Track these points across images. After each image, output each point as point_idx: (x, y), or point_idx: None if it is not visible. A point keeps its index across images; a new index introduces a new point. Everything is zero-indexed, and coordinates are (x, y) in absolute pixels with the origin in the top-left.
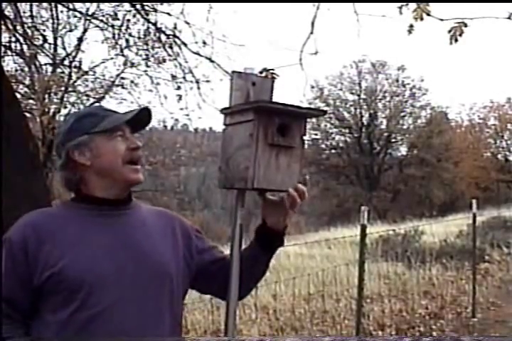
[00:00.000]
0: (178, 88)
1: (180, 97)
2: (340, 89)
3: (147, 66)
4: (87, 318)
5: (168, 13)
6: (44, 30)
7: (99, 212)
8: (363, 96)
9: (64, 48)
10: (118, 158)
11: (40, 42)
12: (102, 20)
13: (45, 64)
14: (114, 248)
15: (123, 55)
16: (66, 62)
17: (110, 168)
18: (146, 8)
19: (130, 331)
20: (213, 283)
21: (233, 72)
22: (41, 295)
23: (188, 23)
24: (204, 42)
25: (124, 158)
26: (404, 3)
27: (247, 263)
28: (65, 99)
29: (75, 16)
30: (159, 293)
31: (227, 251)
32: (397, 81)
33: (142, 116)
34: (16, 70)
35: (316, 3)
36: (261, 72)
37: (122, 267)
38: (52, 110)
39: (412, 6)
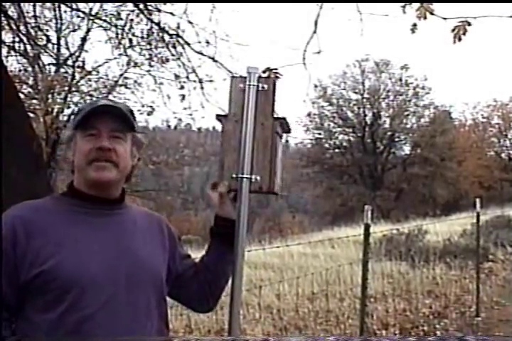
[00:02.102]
0: (182, 88)
1: (183, 97)
2: (344, 89)
3: (150, 66)
4: (77, 320)
5: (172, 13)
6: (47, 30)
7: (92, 211)
8: (366, 95)
9: (67, 48)
10: (83, 157)
11: (44, 42)
12: (105, 20)
13: (49, 64)
14: (106, 248)
15: (126, 55)
16: (69, 62)
17: (79, 167)
18: (150, 7)
19: (119, 333)
20: (185, 289)
21: (232, 76)
22: (27, 293)
23: (191, 22)
24: (207, 42)
25: (87, 157)
26: (408, 3)
27: (216, 267)
28: (68, 99)
29: (78, 16)
30: (149, 294)
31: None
32: (401, 80)
33: (111, 110)
34: (20, 70)
35: (320, 3)
36: (264, 72)
37: (114, 268)
38: (55, 110)
39: (416, 5)
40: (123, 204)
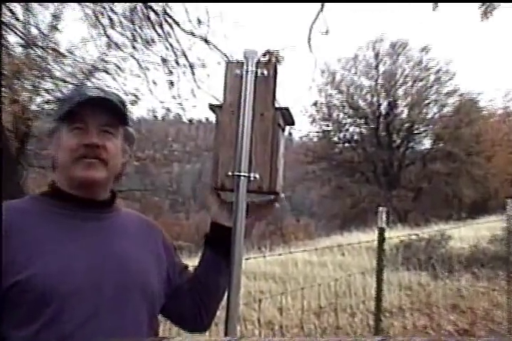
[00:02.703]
0: (170, 73)
1: (172, 83)
2: (355, 74)
3: (134, 48)
4: (58, 336)
5: None
6: (13, 6)
7: (76, 213)
8: (380, 81)
9: (37, 27)
10: (68, 154)
11: (9, 19)
12: None
13: (16, 45)
14: (91, 256)
15: (106, 36)
16: (40, 43)
17: (63, 164)
18: None
19: None
20: (178, 305)
21: (227, 61)
22: (1, 306)
23: None
24: (199, 21)
25: (73, 154)
26: None
27: (209, 279)
28: (38, 86)
29: None
30: (140, 307)
31: None
32: (421, 64)
33: (104, 103)
34: None
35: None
36: (264, 55)
37: (100, 278)
38: (24, 98)
39: None
40: (113, 207)
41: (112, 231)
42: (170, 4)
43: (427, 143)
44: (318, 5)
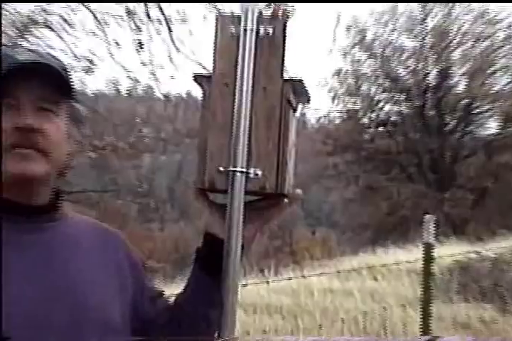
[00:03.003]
0: (138, 30)
1: (140, 45)
2: (393, 31)
3: None
4: None
5: None
6: None
7: (8, 224)
8: (428, 41)
9: None
10: None
11: None
12: None
13: None
14: (30, 280)
15: None
16: None
17: None
18: None
19: None
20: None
21: (219, 15)
22: None
23: None
24: None
25: (5, 140)
26: None
27: (199, 308)
28: None
29: None
30: None
31: None
32: (485, 16)
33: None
34: None
35: None
36: (268, 7)
37: (44, 311)
38: None
39: None
40: (58, 214)
41: (58, 246)
42: None
43: (492, 127)
44: None
